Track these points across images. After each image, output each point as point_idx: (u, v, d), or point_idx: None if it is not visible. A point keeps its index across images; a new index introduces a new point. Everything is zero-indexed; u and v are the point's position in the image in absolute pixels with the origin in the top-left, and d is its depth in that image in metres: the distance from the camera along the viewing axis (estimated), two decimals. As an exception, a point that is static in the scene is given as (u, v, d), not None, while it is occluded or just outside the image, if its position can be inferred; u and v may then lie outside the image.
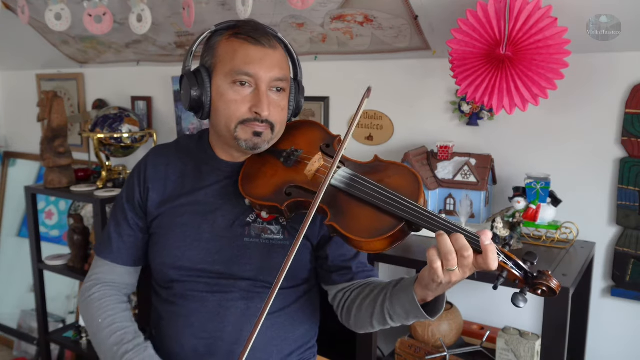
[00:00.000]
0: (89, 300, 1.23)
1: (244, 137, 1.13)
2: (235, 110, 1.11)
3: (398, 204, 0.96)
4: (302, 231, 0.97)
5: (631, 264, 1.58)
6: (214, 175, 1.21)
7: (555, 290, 0.87)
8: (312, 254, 1.21)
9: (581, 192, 1.64)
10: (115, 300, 1.23)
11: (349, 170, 1.06)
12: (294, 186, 1.09)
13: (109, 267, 1.26)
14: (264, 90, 1.11)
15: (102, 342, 1.16)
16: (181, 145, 1.28)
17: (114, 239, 1.25)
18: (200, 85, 1.14)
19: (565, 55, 1.38)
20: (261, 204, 1.10)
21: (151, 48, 2.37)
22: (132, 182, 1.26)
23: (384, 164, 1.09)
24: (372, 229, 0.97)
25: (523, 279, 0.89)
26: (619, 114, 1.56)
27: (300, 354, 1.23)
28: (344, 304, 1.17)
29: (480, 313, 1.83)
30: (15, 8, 2.21)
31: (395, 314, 1.04)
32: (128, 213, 1.25)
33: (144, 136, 2.35)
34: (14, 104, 3.32)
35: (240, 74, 1.10)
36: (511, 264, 0.89)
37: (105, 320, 1.18)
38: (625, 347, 1.64)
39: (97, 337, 1.18)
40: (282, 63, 1.15)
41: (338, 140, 1.18)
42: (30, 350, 3.09)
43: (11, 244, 3.32)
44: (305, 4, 1.57)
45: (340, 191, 1.04)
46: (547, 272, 0.88)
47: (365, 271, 1.19)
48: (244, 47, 1.11)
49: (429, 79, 1.85)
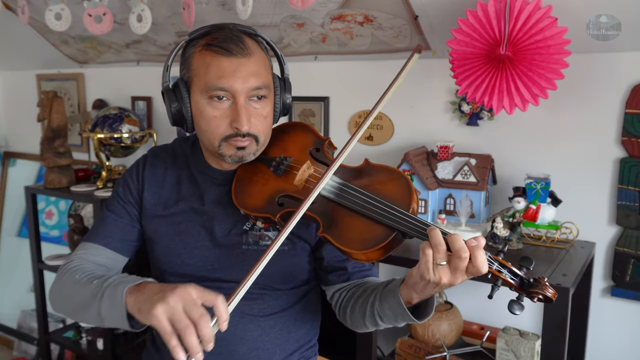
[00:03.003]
0: (65, 272, 1.12)
1: (228, 152, 1.11)
2: (215, 127, 1.09)
3: (389, 214, 0.95)
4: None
5: (631, 264, 1.58)
6: (207, 183, 1.20)
7: (551, 299, 0.86)
8: (310, 255, 1.21)
9: (581, 192, 1.64)
10: (96, 269, 1.13)
11: (337, 178, 1.05)
12: (286, 196, 1.08)
13: (94, 250, 1.19)
14: (242, 103, 1.07)
15: (81, 291, 1.05)
16: (177, 151, 1.27)
17: (103, 226, 1.22)
18: (179, 101, 1.11)
19: (565, 55, 1.38)
20: (255, 215, 1.10)
21: (151, 48, 2.37)
22: (129, 177, 1.25)
23: (374, 168, 1.07)
24: (364, 240, 0.96)
25: (519, 286, 0.88)
26: (619, 114, 1.56)
27: (302, 352, 1.24)
28: (340, 304, 1.17)
29: (480, 313, 1.83)
30: (15, 8, 2.21)
31: (384, 316, 1.03)
32: (122, 201, 1.23)
33: (144, 136, 2.35)
34: (14, 104, 3.32)
35: (215, 89, 1.06)
36: (506, 271, 0.88)
37: (83, 276, 1.08)
38: (625, 347, 1.64)
39: (75, 292, 1.06)
40: (260, 70, 1.09)
41: (328, 142, 1.16)
42: (30, 350, 3.09)
43: (11, 244, 3.32)
44: (305, 4, 1.57)
45: (331, 201, 1.03)
46: (543, 280, 0.87)
47: (362, 271, 1.18)
48: (216, 60, 1.06)
49: (429, 79, 1.85)
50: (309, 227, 1.17)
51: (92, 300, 1.00)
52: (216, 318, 0.86)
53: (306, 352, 1.25)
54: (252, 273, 0.93)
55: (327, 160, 1.13)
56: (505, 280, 0.88)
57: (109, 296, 0.98)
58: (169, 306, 0.85)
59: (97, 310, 0.99)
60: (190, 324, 0.84)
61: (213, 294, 0.87)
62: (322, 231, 1.00)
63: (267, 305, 1.17)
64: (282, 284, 1.18)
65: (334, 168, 1.03)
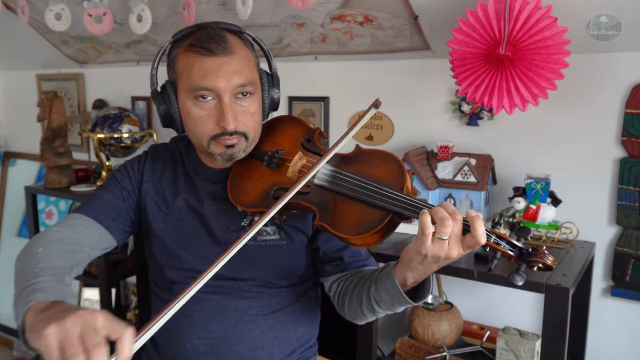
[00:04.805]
0: (39, 237, 1.08)
1: (217, 151, 1.11)
2: (203, 127, 1.09)
3: (382, 196, 0.95)
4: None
5: (631, 264, 1.58)
6: (203, 181, 1.21)
7: (551, 267, 0.86)
8: (308, 249, 1.21)
9: (581, 192, 1.64)
10: (68, 250, 1.07)
11: (330, 166, 1.06)
12: (280, 188, 1.09)
13: (82, 221, 1.15)
14: (227, 102, 1.07)
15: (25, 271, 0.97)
16: (174, 150, 1.28)
17: (98, 200, 1.20)
18: (167, 103, 1.13)
19: (565, 55, 1.38)
20: (252, 210, 1.11)
21: (151, 48, 2.37)
22: (129, 167, 1.26)
23: (365, 153, 1.08)
24: (360, 225, 0.96)
25: (518, 257, 0.88)
26: (619, 114, 1.56)
27: (301, 352, 1.24)
28: (339, 295, 1.16)
29: (480, 313, 1.83)
30: (15, 8, 2.21)
31: (380, 300, 1.02)
32: (119, 185, 1.22)
33: (144, 136, 2.35)
34: (14, 104, 3.32)
35: (199, 89, 1.06)
36: (504, 243, 0.88)
37: (44, 256, 1.02)
38: (625, 347, 1.64)
39: (23, 268, 1.00)
40: (243, 67, 1.09)
41: (318, 132, 1.16)
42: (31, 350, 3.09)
43: (11, 244, 3.32)
44: (305, 4, 1.57)
45: (325, 189, 1.03)
46: (542, 249, 0.87)
47: (359, 260, 1.18)
48: (199, 61, 1.07)
49: (429, 79, 1.85)
50: (306, 218, 1.17)
51: (19, 287, 0.93)
52: (115, 355, 0.72)
53: (306, 351, 1.25)
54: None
55: (318, 150, 1.13)
56: (504, 252, 0.88)
57: (24, 297, 0.88)
58: (63, 328, 0.73)
59: (14, 302, 0.91)
60: (81, 353, 0.71)
61: (122, 326, 0.74)
62: (318, 220, 1.00)
63: (265, 304, 1.17)
64: (280, 280, 1.18)
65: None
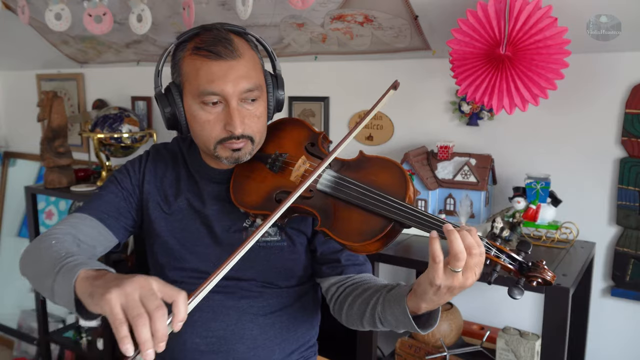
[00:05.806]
0: (45, 235, 1.07)
1: (224, 155, 1.11)
2: (210, 131, 1.09)
3: (385, 204, 0.95)
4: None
5: (631, 264, 1.58)
6: (206, 182, 1.21)
7: (550, 282, 0.86)
8: (308, 249, 1.21)
9: (581, 192, 1.64)
10: (76, 245, 1.06)
11: (333, 172, 1.05)
12: (283, 192, 1.09)
13: (85, 220, 1.14)
14: (235, 106, 1.06)
15: (47, 257, 0.99)
16: (176, 150, 1.27)
17: (99, 200, 1.19)
18: (172, 106, 1.12)
19: (565, 55, 1.38)
20: (254, 212, 1.11)
21: (151, 48, 2.37)
22: (130, 167, 1.25)
23: (369, 160, 1.07)
24: (362, 232, 0.96)
25: (517, 271, 0.88)
26: (619, 114, 1.56)
27: (301, 352, 1.24)
28: (336, 299, 1.16)
29: (480, 313, 1.83)
30: (15, 8, 2.21)
31: (385, 321, 1.02)
32: (120, 186, 1.22)
33: (144, 136, 2.35)
34: (14, 104, 3.32)
35: (207, 94, 1.06)
36: (504, 257, 0.88)
37: (58, 245, 1.02)
38: (625, 347, 1.64)
39: (43, 257, 1.00)
40: (250, 71, 1.08)
41: (322, 136, 1.16)
42: (30, 350, 3.09)
43: (11, 244, 3.32)
44: (305, 4, 1.57)
45: (328, 195, 1.03)
46: (541, 264, 0.87)
47: (356, 264, 1.18)
48: (206, 65, 1.06)
49: (429, 79, 1.85)
50: (306, 219, 1.17)
51: (51, 270, 0.94)
52: (172, 316, 0.78)
53: (305, 351, 1.25)
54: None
55: (322, 155, 1.13)
56: (503, 266, 0.87)
57: (66, 272, 0.90)
58: (124, 292, 0.77)
59: (52, 282, 0.93)
60: (144, 313, 0.76)
61: (175, 289, 0.80)
62: (320, 225, 1.00)
63: (266, 304, 1.17)
64: (281, 280, 1.18)
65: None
